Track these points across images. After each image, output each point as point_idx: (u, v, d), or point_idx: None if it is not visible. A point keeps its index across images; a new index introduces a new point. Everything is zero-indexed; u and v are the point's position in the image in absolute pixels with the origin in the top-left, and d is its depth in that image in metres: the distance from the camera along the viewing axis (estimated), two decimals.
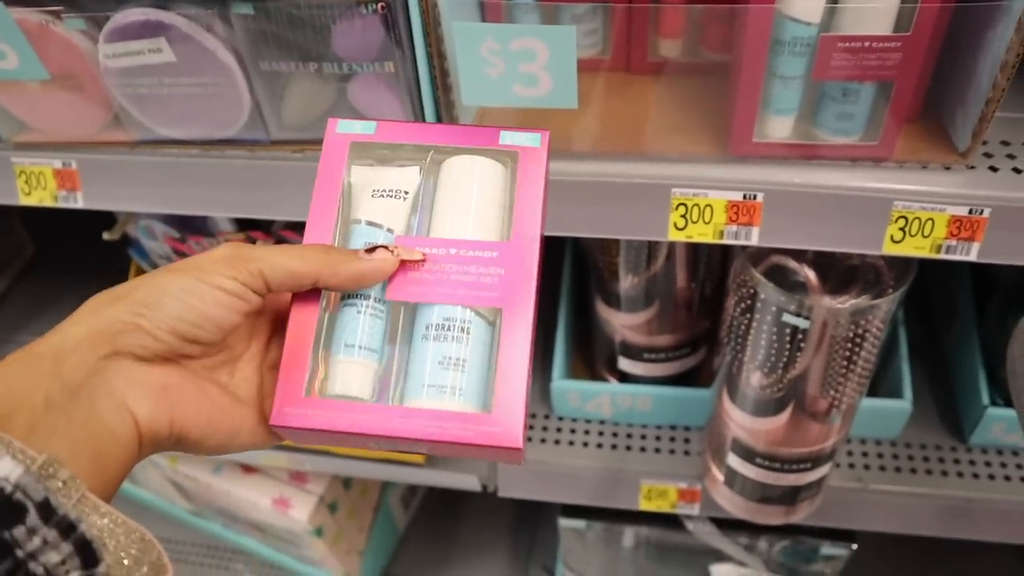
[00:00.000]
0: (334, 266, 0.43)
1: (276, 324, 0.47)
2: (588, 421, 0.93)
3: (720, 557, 1.04)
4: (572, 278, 0.97)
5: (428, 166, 0.48)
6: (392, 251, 0.44)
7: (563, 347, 0.91)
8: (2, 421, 0.35)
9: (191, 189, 0.70)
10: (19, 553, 0.31)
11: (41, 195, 0.75)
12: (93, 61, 0.64)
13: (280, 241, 0.85)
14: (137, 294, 0.40)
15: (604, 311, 0.87)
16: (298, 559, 1.23)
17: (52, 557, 0.32)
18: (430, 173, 0.48)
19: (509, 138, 0.47)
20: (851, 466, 0.88)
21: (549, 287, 1.07)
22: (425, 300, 0.45)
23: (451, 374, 0.43)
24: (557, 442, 0.91)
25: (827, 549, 0.98)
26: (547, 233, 0.64)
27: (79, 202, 0.74)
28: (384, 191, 0.47)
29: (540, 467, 0.89)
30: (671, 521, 1.01)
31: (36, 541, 0.32)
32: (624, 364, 0.89)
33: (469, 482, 0.92)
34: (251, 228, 0.86)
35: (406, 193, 0.47)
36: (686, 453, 0.89)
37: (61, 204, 0.74)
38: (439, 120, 0.62)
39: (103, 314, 0.39)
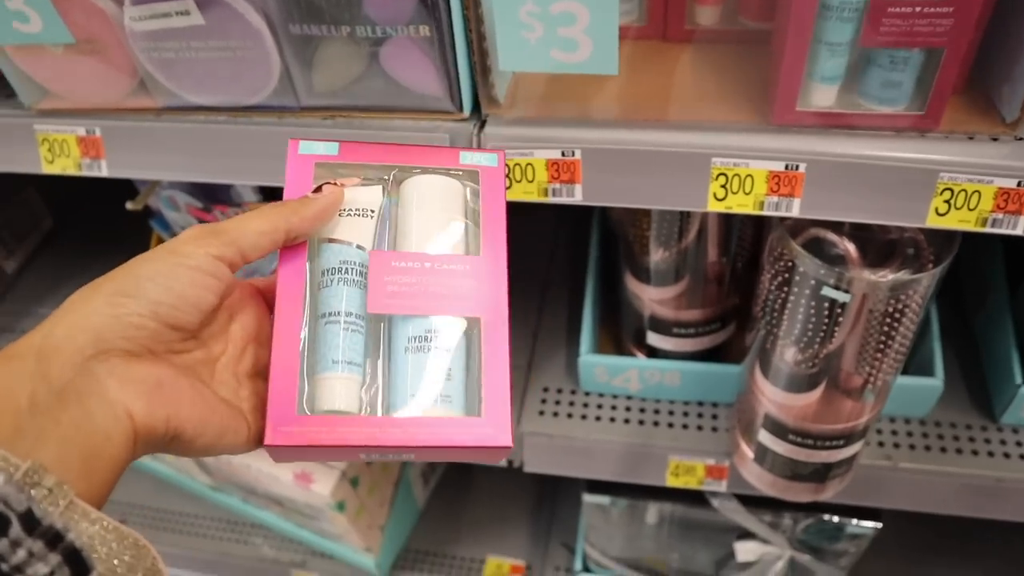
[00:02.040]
0: (297, 212, 0.45)
1: (250, 331, 0.47)
2: (615, 396, 0.92)
3: (744, 534, 1.04)
4: (599, 251, 0.96)
5: (391, 184, 0.50)
6: (337, 183, 0.48)
7: (590, 322, 0.90)
8: None
9: (218, 157, 0.69)
10: (3, 567, 0.31)
11: (64, 163, 0.74)
12: (118, 24, 0.62)
13: None
14: (113, 285, 0.40)
15: (633, 285, 0.86)
16: (318, 533, 1.23)
17: (40, 569, 0.31)
18: (392, 190, 0.50)
19: (468, 158, 0.50)
20: (880, 444, 0.87)
21: (576, 261, 1.06)
22: (405, 312, 0.46)
23: (436, 383, 0.45)
24: (584, 417, 0.90)
25: (853, 527, 0.97)
26: (583, 203, 0.63)
27: (103, 170, 0.73)
28: (351, 210, 0.48)
29: (566, 442, 0.88)
30: (696, 498, 1.00)
31: (21, 553, 0.31)
32: (653, 339, 0.88)
33: None
34: (276, 197, 0.85)
35: (372, 211, 0.49)
36: (714, 429, 0.88)
37: (85, 172, 0.73)
38: (474, 85, 0.61)
39: (81, 310, 0.39)
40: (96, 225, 1.22)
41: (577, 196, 0.62)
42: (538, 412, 0.91)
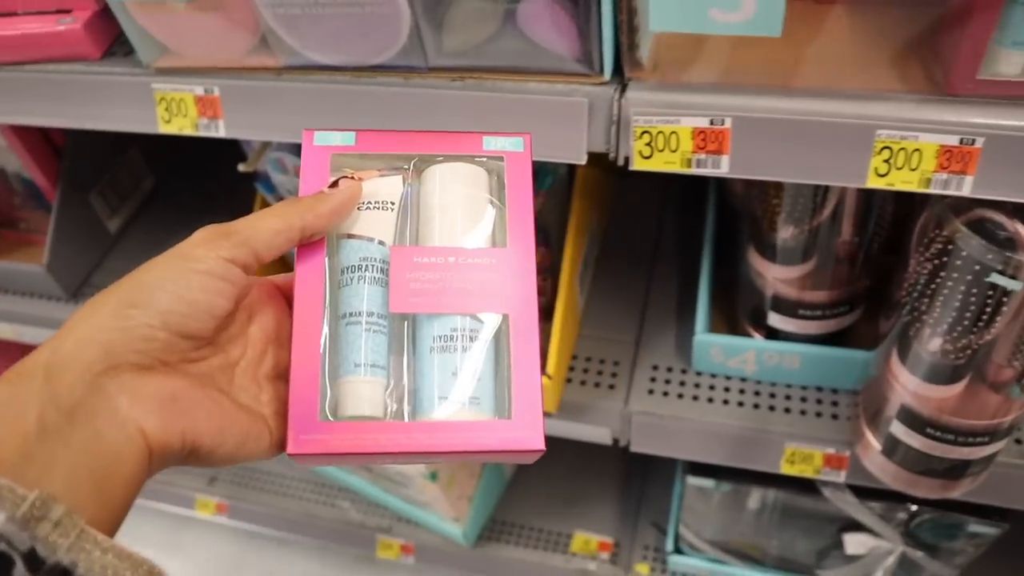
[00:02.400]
0: (312, 209, 0.43)
1: (270, 332, 0.45)
2: (728, 378, 0.88)
3: (851, 526, 0.99)
4: (715, 226, 0.91)
5: (411, 174, 0.47)
6: (352, 177, 0.45)
7: (706, 299, 0.86)
8: None
9: (339, 119, 0.66)
10: None
11: (182, 123, 0.72)
12: None
13: None
14: (121, 295, 0.38)
15: (757, 262, 0.81)
16: (406, 500, 1.23)
17: None
18: (413, 180, 0.47)
19: (492, 144, 0.47)
20: (1018, 441, 0.81)
21: (685, 234, 1.02)
22: (430, 311, 0.44)
23: (464, 384, 0.43)
24: (695, 398, 0.86)
25: (975, 526, 0.92)
26: (729, 175, 0.59)
27: (220, 131, 0.71)
28: (370, 203, 0.46)
29: (676, 423, 0.85)
30: (803, 485, 0.96)
31: None
32: (774, 320, 0.84)
33: (600, 435, 0.89)
34: None
35: (392, 204, 0.47)
36: (834, 417, 0.84)
37: (202, 132, 0.72)
38: (616, 47, 0.57)
39: (89, 323, 0.37)
40: (197, 184, 1.22)
41: (723, 168, 0.58)
42: (647, 391, 0.87)
